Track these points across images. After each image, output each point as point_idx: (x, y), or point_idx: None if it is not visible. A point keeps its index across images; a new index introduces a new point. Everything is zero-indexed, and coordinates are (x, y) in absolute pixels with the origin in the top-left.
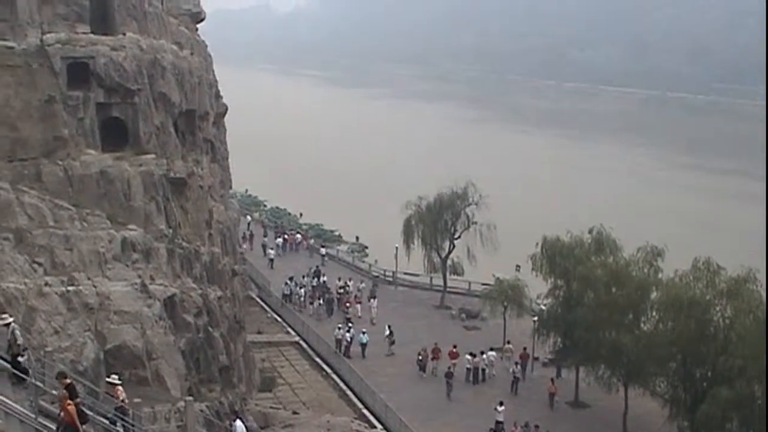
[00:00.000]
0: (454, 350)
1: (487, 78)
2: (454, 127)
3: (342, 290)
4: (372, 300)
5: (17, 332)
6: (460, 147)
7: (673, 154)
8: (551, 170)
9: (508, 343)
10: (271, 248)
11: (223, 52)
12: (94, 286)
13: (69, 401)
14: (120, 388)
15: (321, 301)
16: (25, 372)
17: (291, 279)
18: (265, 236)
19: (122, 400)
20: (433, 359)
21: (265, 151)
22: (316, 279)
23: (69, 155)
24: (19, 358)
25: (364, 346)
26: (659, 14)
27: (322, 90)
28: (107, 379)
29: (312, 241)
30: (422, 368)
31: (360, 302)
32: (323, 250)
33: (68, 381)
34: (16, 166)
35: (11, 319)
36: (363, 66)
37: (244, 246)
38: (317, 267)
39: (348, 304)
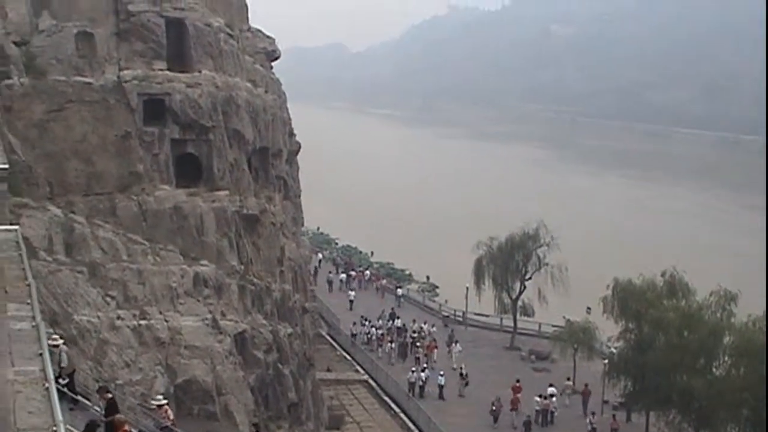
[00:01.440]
0: (517, 384)
1: (560, 119)
2: (526, 167)
3: (416, 334)
4: (454, 345)
5: (64, 354)
6: (532, 188)
7: (746, 196)
8: (624, 212)
9: (568, 380)
10: (352, 289)
11: (296, 89)
12: (166, 321)
13: (126, 427)
14: (167, 407)
15: (393, 345)
16: (74, 393)
17: (366, 320)
18: (331, 273)
19: (171, 419)
20: (512, 410)
21: (336, 189)
22: (391, 321)
23: (143, 190)
24: (60, 380)
25: (441, 387)
26: (733, 57)
27: (394, 129)
28: (153, 402)
29: (384, 281)
30: (496, 419)
31: (436, 347)
32: (400, 291)
33: (110, 395)
34: (91, 200)
35: (61, 342)
36: (436, 106)
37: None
38: (393, 309)
39: (418, 345)
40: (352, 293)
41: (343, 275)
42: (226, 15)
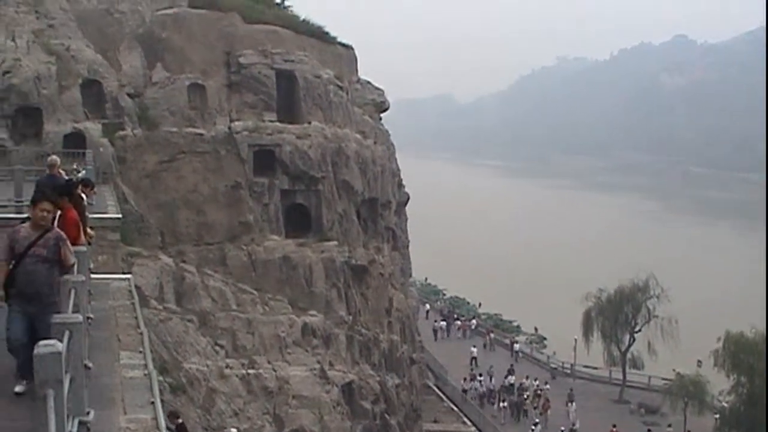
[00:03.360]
0: (614, 429)
1: (671, 169)
2: (635, 219)
3: (528, 393)
4: (570, 404)
5: None
6: (641, 239)
7: None
8: (736, 263)
9: (669, 426)
10: (474, 346)
11: (404, 140)
12: (274, 370)
13: None
14: None
15: (505, 404)
16: None
17: (480, 375)
18: (436, 321)
19: None
20: None
21: (444, 239)
22: (506, 377)
23: (253, 240)
24: None
25: None
26: None
27: (502, 180)
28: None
29: (493, 334)
30: None
31: (550, 407)
32: (517, 346)
33: (180, 421)
34: (201, 250)
35: None
36: (544, 156)
37: None
38: (511, 365)
39: (526, 399)
40: (475, 349)
41: (443, 322)
42: (335, 67)
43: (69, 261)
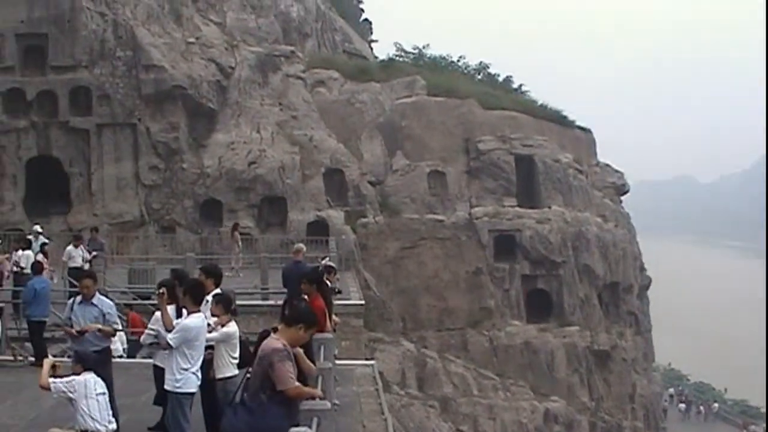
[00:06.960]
0: None
1: None
2: None
3: None
4: None
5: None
6: None
7: None
8: None
9: None
10: None
11: (644, 222)
12: None
13: None
14: None
15: None
16: None
17: None
18: (666, 401)
19: None
20: None
21: (687, 323)
22: None
23: (494, 326)
24: None
25: None
26: None
27: (745, 261)
28: None
29: (754, 427)
30: None
31: None
32: None
33: None
34: (443, 335)
35: None
36: None
37: None
38: None
39: None
40: None
41: (682, 404)
42: (574, 150)
43: None
